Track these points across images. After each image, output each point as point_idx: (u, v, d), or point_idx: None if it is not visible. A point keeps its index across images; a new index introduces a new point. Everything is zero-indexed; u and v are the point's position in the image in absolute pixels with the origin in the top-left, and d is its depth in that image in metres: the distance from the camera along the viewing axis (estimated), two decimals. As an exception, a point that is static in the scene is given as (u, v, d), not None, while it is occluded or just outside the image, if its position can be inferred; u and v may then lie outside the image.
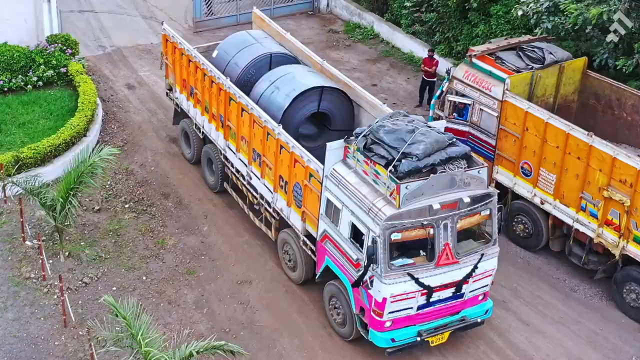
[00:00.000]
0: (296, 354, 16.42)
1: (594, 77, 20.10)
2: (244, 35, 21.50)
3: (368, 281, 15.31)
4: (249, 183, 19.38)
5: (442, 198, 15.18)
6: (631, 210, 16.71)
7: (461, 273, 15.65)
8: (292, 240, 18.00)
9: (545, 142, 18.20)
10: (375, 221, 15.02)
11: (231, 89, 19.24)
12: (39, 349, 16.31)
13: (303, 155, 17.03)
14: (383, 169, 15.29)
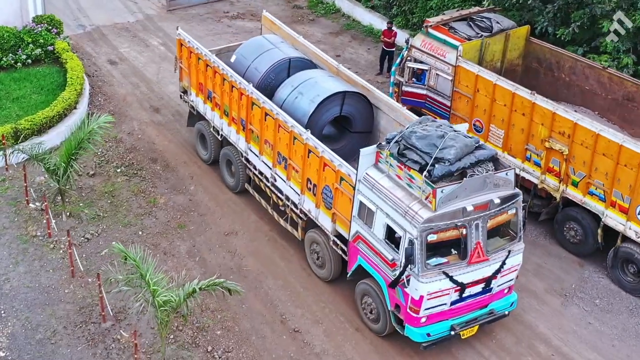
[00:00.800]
0: (280, 293, 18.36)
1: (536, 43, 22.19)
2: (261, 40, 21.52)
3: (405, 280, 15.74)
4: (273, 185, 19.70)
5: (475, 200, 15.61)
6: (569, 158, 18.85)
7: (491, 269, 16.17)
8: (320, 240, 18.41)
9: (494, 102, 20.24)
10: (413, 224, 15.41)
11: (254, 94, 19.42)
12: (50, 297, 18.01)
13: (334, 160, 17.34)
14: (418, 174, 15.64)
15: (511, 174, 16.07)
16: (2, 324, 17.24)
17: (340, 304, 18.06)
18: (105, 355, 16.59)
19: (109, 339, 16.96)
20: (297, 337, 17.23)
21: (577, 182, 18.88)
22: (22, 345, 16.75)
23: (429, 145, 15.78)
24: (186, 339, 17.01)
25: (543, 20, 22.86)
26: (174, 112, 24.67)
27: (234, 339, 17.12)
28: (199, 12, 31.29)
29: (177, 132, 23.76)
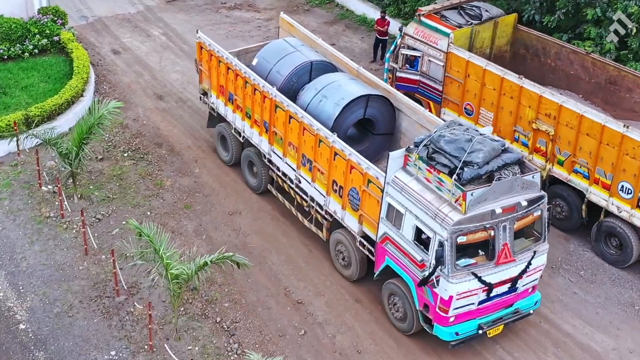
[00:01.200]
0: (284, 267, 19.34)
1: (523, 30, 23.18)
2: (282, 44, 21.62)
3: (434, 280, 16.00)
4: (297, 186, 19.88)
5: (503, 202, 15.86)
6: (555, 139, 19.86)
7: (517, 270, 16.48)
8: (346, 240, 18.66)
9: (484, 86, 21.22)
10: (443, 226, 15.65)
11: (278, 97, 19.57)
12: (66, 274, 18.93)
13: (361, 163, 17.56)
14: (447, 177, 15.86)
15: (537, 176, 16.40)
16: (21, 299, 18.17)
17: (340, 277, 19.03)
18: (120, 327, 17.53)
19: (123, 312, 17.90)
20: (301, 308, 18.23)
21: (562, 161, 19.89)
22: (41, 319, 17.68)
23: (458, 149, 16.05)
24: (196, 311, 17.97)
25: (530, 8, 23.85)
26: (177, 99, 25.56)
27: (241, 310, 18.10)
28: (197, 3, 32.13)
29: (181, 118, 24.65)
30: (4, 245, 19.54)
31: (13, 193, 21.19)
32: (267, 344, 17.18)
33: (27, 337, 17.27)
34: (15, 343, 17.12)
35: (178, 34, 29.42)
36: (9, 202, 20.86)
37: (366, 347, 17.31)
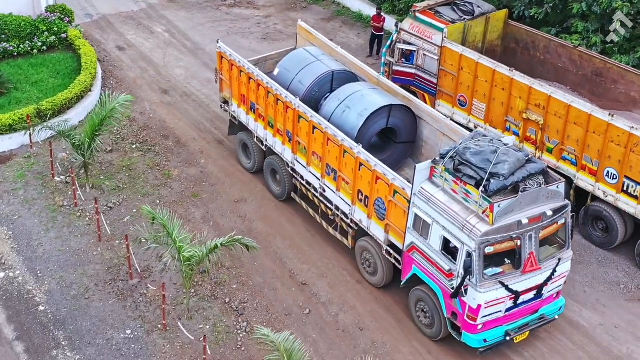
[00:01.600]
0: (288, 251, 20.32)
1: (513, 25, 24.19)
2: (303, 53, 21.85)
3: (462, 290, 16.36)
4: (321, 195, 20.14)
5: (529, 213, 16.19)
6: (544, 128, 20.87)
7: (543, 277, 16.85)
8: (372, 248, 18.96)
9: (476, 78, 22.19)
10: (471, 237, 15.96)
11: (301, 108, 19.77)
12: (81, 259, 19.85)
13: (387, 174, 17.81)
14: (474, 189, 16.13)
15: (561, 186, 16.74)
16: (40, 282, 19.10)
17: (342, 260, 20.03)
18: (134, 308, 18.48)
19: (136, 294, 18.85)
20: (305, 289, 19.21)
21: (551, 148, 20.90)
22: (59, 301, 18.61)
23: (484, 161, 16.26)
24: (206, 293, 18.94)
25: (519, 4, 24.84)
26: (182, 94, 26.47)
27: (248, 291, 19.07)
28: (198, 0, 33.01)
29: (186, 111, 25.56)
30: (21, 233, 20.45)
31: (27, 184, 22.09)
32: (274, 322, 18.15)
33: (47, 318, 18.20)
34: (36, 323, 18.05)
35: (180, 31, 30.33)
36: (24, 192, 21.76)
37: (367, 325, 18.30)
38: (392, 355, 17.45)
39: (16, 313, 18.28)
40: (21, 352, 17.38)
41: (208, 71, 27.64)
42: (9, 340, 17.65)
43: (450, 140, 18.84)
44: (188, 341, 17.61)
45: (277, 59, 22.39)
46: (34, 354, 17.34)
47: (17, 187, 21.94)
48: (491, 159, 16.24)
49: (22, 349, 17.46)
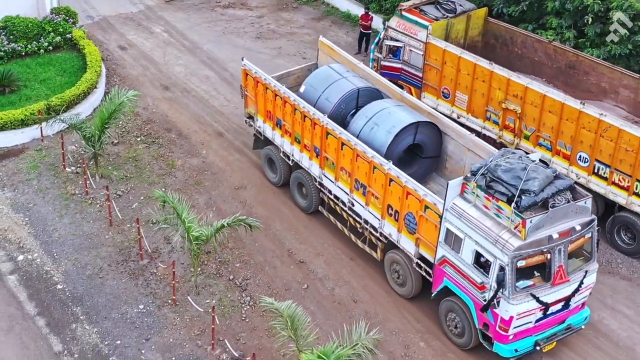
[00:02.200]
0: (286, 233, 21.85)
1: (493, 22, 25.83)
2: (328, 70, 22.34)
3: (495, 302, 16.94)
4: (350, 209, 20.67)
5: (559, 228, 16.78)
6: (522, 116, 22.49)
7: (570, 289, 17.47)
8: (402, 261, 19.48)
9: (459, 72, 23.79)
10: (504, 251, 16.49)
11: (329, 125, 20.31)
12: (94, 242, 21.31)
13: (418, 190, 18.30)
14: (506, 205, 16.65)
15: (589, 202, 17.35)
16: (57, 264, 20.54)
17: (336, 240, 21.56)
18: (145, 285, 19.96)
19: (147, 273, 20.33)
20: (303, 267, 20.75)
21: (528, 135, 22.53)
22: (76, 280, 20.07)
23: (514, 178, 16.80)
24: (211, 271, 20.44)
25: (498, 2, 26.49)
26: (182, 90, 27.95)
27: (250, 269, 20.60)
28: (194, 2, 34.51)
29: (186, 106, 27.05)
30: (37, 220, 21.89)
31: (40, 174, 23.52)
32: (275, 296, 19.57)
33: (65, 295, 19.66)
34: (55, 300, 19.51)
35: (179, 31, 31.81)
36: (37, 182, 23.19)
37: (361, 297, 19.86)
38: (384, 324, 18.99)
39: (36, 291, 19.73)
40: (42, 326, 18.83)
41: (206, 68, 29.17)
42: (31, 315, 19.10)
43: (475, 155, 19.64)
44: (197, 314, 19.13)
45: (298, 74, 23.32)
46: (55, 328, 18.80)
47: (30, 178, 23.36)
48: (521, 176, 16.81)
49: (44, 323, 18.91)
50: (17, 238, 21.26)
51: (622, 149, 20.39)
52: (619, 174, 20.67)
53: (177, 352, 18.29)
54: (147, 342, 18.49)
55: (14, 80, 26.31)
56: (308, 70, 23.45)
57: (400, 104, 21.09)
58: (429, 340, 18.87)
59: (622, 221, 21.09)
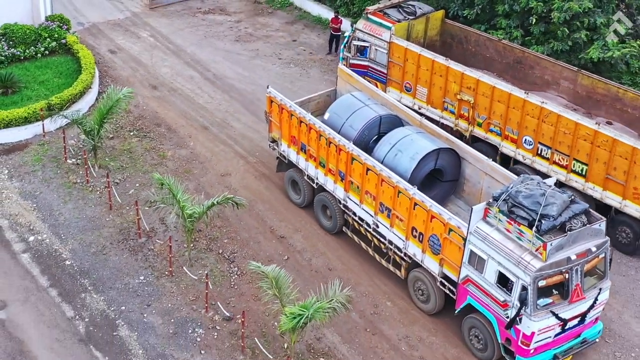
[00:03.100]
0: (268, 212, 24.43)
1: (449, 23, 28.62)
2: (351, 99, 23.37)
3: (517, 318, 18.09)
4: (374, 230, 21.69)
5: (576, 249, 17.94)
6: (475, 106, 25.24)
7: (586, 305, 18.62)
8: (426, 279, 20.58)
9: (419, 68, 26.50)
10: (526, 272, 17.60)
11: (355, 151, 21.35)
12: (96, 224, 23.73)
13: (442, 213, 19.37)
14: (528, 229, 17.77)
15: (603, 224, 18.61)
16: (64, 243, 22.95)
17: (313, 218, 24.11)
18: (144, 260, 22.43)
19: (145, 249, 22.80)
20: (283, 241, 23.34)
21: (481, 123, 25.29)
22: (82, 256, 22.50)
23: (534, 203, 17.94)
24: (202, 246, 22.96)
25: (454, 5, 29.29)
26: (169, 89, 30.44)
27: (237, 244, 23.14)
28: (176, 9, 36.99)
29: (174, 103, 29.54)
30: (44, 206, 24.27)
31: (44, 166, 25.89)
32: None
33: (73, 269, 22.09)
34: (65, 274, 21.93)
35: (163, 36, 34.29)
36: (42, 173, 25.56)
37: (335, 266, 22.48)
38: (356, 287, 21.59)
39: (47, 267, 22.13)
40: (55, 296, 21.25)
41: (190, 69, 31.69)
42: (45, 287, 21.51)
43: (492, 179, 20.96)
44: (191, 283, 21.65)
45: (318, 100, 24.73)
46: (66, 297, 21.23)
47: (35, 169, 25.73)
48: (541, 201, 17.95)
49: (56, 294, 21.33)
50: (27, 222, 23.64)
51: (561, 132, 23.20)
52: (559, 154, 23.49)
53: (175, 315, 20.80)
54: (148, 307, 20.99)
55: (15, 82, 28.66)
56: (327, 96, 24.92)
57: (420, 131, 22.21)
58: (394, 300, 21.54)
59: (563, 196, 23.91)
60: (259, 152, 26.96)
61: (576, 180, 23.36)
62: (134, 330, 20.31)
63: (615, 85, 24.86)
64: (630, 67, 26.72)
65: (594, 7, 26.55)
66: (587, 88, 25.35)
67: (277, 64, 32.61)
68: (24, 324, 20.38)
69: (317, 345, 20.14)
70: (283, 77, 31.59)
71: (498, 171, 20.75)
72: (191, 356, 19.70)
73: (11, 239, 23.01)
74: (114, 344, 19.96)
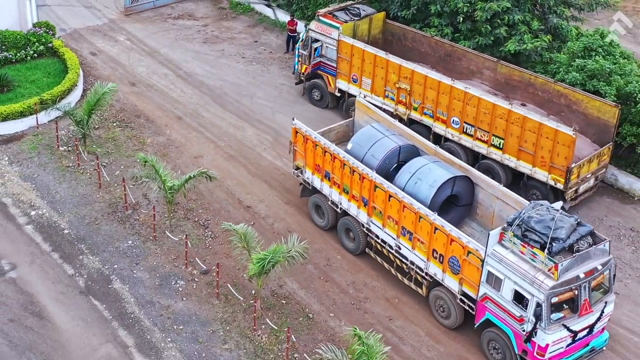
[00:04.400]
0: (236, 187, 28.19)
1: (389, 23, 32.70)
2: (372, 130, 25.05)
3: (533, 332, 19.75)
4: (396, 252, 23.18)
5: (584, 268, 19.60)
6: (411, 93, 29.29)
7: (594, 318, 20.24)
8: (446, 297, 22.14)
9: (364, 62, 30.49)
10: (540, 290, 19.21)
11: (377, 179, 22.90)
12: (88, 200, 27.34)
13: (461, 237, 20.92)
14: (540, 251, 19.39)
15: (607, 245, 20.28)
16: (61, 216, 26.57)
17: (274, 190, 28.00)
18: (131, 228, 26.11)
19: (132, 219, 26.49)
20: (250, 210, 27.20)
21: (416, 107, 29.34)
22: (77, 226, 26.13)
23: (545, 228, 19.60)
24: (180, 216, 26.69)
25: (394, 7, 33.37)
26: (146, 85, 34.11)
27: (210, 214, 26.93)
28: (149, 15, 40.67)
29: (151, 97, 33.25)
30: (42, 186, 27.83)
31: (39, 153, 29.45)
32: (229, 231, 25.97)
33: (71, 237, 25.73)
34: (64, 241, 25.56)
35: (139, 39, 37.94)
36: (38, 159, 29.13)
37: (294, 229, 26.28)
38: (311, 245, 25.27)
39: (49, 235, 25.73)
40: (57, 258, 24.87)
41: (164, 68, 35.40)
42: (47, 252, 25.12)
43: (503, 203, 22.68)
44: (172, 245, 25.40)
45: (338, 130, 26.62)
46: (67, 259, 24.86)
47: (32, 156, 29.28)
48: (551, 225, 19.55)
49: (58, 256, 24.94)
50: (28, 199, 27.21)
51: (482, 113, 27.34)
52: (481, 131, 27.64)
53: (159, 271, 24.56)
54: (137, 265, 24.71)
55: (10, 82, 32.16)
56: (346, 126, 26.97)
57: (436, 160, 23.91)
58: (345, 255, 25.47)
59: (484, 167, 28.00)
60: (227, 137, 30.79)
61: (495, 152, 27.50)
62: (126, 284, 24.03)
63: (527, 73, 29.13)
64: (542, 58, 30.95)
65: (512, 7, 30.73)
66: (505, 76, 29.58)
67: (241, 62, 36.46)
68: (32, 281, 23.99)
69: (279, 291, 24.03)
70: (246, 73, 35.46)
71: (509, 195, 22.59)
72: (175, 302, 23.48)
73: (15, 213, 26.58)
74: (109, 295, 23.67)
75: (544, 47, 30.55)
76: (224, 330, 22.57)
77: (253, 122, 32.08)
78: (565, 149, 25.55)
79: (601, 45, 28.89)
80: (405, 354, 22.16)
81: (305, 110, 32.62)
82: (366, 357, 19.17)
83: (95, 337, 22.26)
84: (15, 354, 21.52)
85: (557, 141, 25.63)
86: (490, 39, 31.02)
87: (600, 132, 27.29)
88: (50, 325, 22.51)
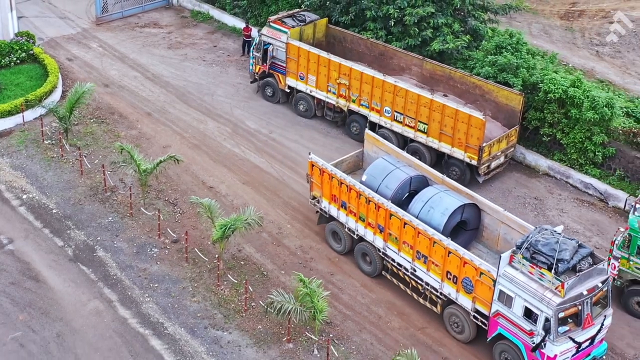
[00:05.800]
0: (200, 171, 32.34)
1: (332, 27, 37.08)
2: (384, 162, 26.71)
3: (542, 344, 21.58)
4: (412, 274, 24.73)
5: (586, 286, 21.57)
6: (350, 87, 33.64)
7: (595, 329, 22.16)
8: (460, 314, 23.83)
9: (309, 61, 34.78)
10: (549, 307, 21.10)
11: (392, 208, 24.54)
12: (72, 184, 31.29)
13: (474, 260, 22.56)
14: (547, 271, 21.32)
15: (604, 264, 22.39)
16: (49, 198, 30.48)
17: (234, 174, 32.22)
18: (110, 207, 30.11)
19: (111, 200, 30.50)
20: (212, 190, 31.36)
21: (354, 99, 33.71)
22: (64, 206, 30.10)
23: (551, 250, 21.61)
24: (153, 196, 30.77)
25: (335, 14, 37.72)
26: (118, 86, 38.10)
27: (178, 193, 31.02)
28: (118, 24, 44.60)
29: (123, 97, 37.24)
30: (30, 174, 31.68)
31: (27, 146, 33.31)
32: (195, 207, 30.08)
33: (59, 215, 29.70)
34: (53, 219, 29.53)
35: (110, 46, 41.90)
36: (26, 151, 33.00)
37: (250, 203, 30.22)
38: (266, 217, 29.53)
39: (40, 215, 29.66)
40: (48, 233, 28.80)
41: (134, 71, 39.41)
42: (39, 228, 29.04)
43: (507, 227, 24.56)
44: (147, 219, 29.47)
45: (349, 161, 28.64)
46: (56, 233, 28.82)
47: (20, 149, 33.15)
48: (556, 248, 21.67)
49: (48, 232, 28.88)
50: (19, 185, 31.09)
51: (409, 102, 31.81)
52: (408, 118, 32.12)
53: (136, 241, 28.64)
54: (117, 237, 28.77)
55: (-3, 85, 36.13)
56: (357, 157, 28.98)
57: (446, 189, 25.65)
58: (294, 224, 29.79)
59: (413, 149, 32.47)
60: (191, 130, 34.93)
61: (421, 136, 32.00)
62: (108, 252, 28.09)
63: (448, 68, 33.73)
64: (463, 55, 35.55)
65: (436, 12, 35.26)
66: (430, 71, 34.14)
67: (202, 64, 40.64)
68: (28, 252, 27.94)
69: (238, 255, 28.26)
70: (207, 74, 39.64)
71: (514, 220, 24.53)
72: (150, 266, 27.60)
73: (9, 197, 30.45)
74: (94, 261, 27.72)
75: (464, 46, 35.09)
76: (193, 287, 26.75)
77: (214, 116, 36.19)
78: (478, 131, 30.12)
79: (510, 43, 33.54)
80: (344, 301, 26.51)
81: (260, 106, 36.91)
82: (309, 297, 23.53)
83: (84, 294, 26.30)
84: (18, 309, 25.49)
85: (471, 124, 30.18)
86: (418, 40, 35.46)
87: (509, 117, 31.96)
88: (45, 287, 26.50)
